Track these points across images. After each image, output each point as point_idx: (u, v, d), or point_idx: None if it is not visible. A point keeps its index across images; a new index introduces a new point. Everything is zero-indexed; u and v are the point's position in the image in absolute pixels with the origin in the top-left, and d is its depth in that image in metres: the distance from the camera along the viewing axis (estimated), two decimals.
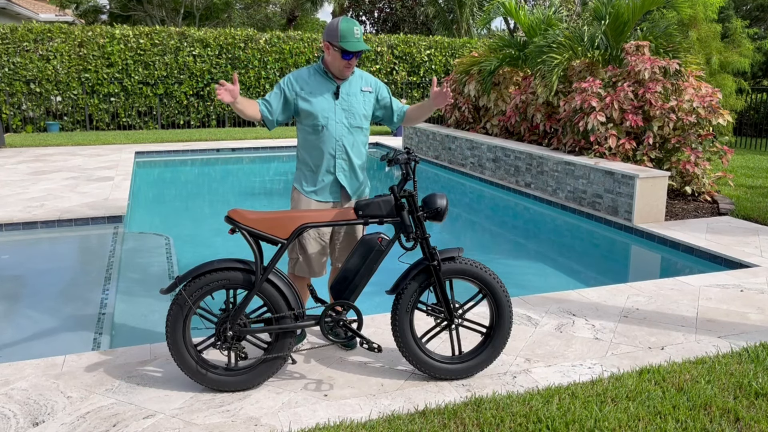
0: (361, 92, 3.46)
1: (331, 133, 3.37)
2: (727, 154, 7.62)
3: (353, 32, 3.25)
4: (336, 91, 3.38)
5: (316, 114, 3.34)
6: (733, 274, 4.95)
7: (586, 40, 8.89)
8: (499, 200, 8.53)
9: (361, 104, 3.45)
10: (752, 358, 3.39)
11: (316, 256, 3.41)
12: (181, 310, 2.96)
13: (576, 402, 2.92)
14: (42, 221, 6.68)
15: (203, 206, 8.16)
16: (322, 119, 3.35)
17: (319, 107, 3.35)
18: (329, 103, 3.37)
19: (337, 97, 3.38)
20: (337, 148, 3.40)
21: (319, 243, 3.41)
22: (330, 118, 3.36)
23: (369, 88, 3.50)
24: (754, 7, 19.35)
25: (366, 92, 3.48)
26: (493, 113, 10.58)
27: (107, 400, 2.98)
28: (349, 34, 3.24)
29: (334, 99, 3.38)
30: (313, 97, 3.35)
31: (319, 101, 3.35)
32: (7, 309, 4.49)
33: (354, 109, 3.42)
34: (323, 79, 3.40)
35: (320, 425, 2.76)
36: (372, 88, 3.52)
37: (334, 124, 3.37)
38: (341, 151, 3.40)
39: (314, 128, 3.38)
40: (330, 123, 3.37)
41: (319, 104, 3.35)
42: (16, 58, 15.16)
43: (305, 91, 3.36)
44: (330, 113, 3.37)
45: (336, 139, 3.38)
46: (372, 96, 3.52)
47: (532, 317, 4.03)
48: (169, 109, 16.60)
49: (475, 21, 22.23)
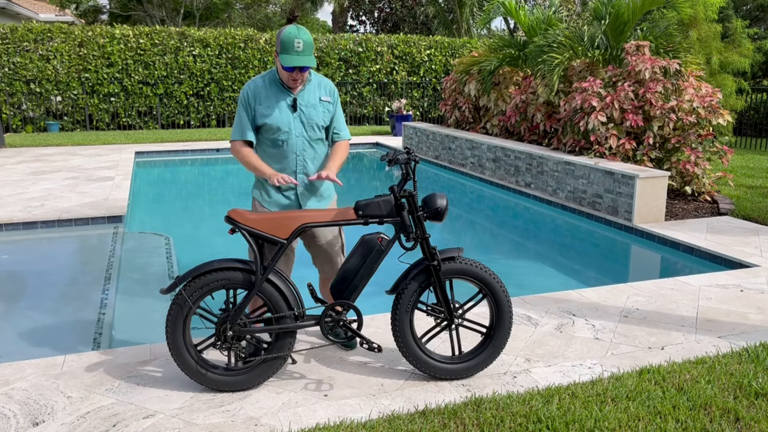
0: (321, 102, 3.29)
1: (291, 147, 3.24)
2: (727, 154, 7.62)
3: (293, 44, 3.03)
4: (293, 103, 3.22)
5: (276, 127, 3.20)
6: (733, 274, 4.95)
7: (586, 40, 8.89)
8: (499, 200, 8.53)
9: (320, 115, 3.28)
10: (752, 358, 3.39)
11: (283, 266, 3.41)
12: (181, 310, 2.96)
13: (576, 402, 2.92)
14: (42, 221, 6.68)
15: (203, 206, 8.16)
16: (282, 134, 3.22)
17: (278, 121, 3.19)
18: (287, 115, 3.21)
19: (295, 109, 3.22)
20: (298, 163, 3.27)
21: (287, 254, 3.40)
22: (290, 132, 3.22)
23: (328, 98, 3.32)
24: (754, 7, 19.35)
25: (325, 102, 3.31)
26: (493, 113, 10.58)
27: (107, 400, 2.98)
28: (289, 47, 3.03)
29: (292, 111, 3.22)
30: (271, 110, 3.19)
31: (278, 114, 3.20)
32: (7, 309, 4.49)
33: (313, 121, 3.26)
34: (279, 90, 3.23)
35: (320, 425, 2.76)
36: (331, 99, 3.34)
37: (294, 138, 3.23)
38: (302, 164, 3.28)
39: (274, 142, 3.24)
40: (290, 137, 3.22)
41: (277, 117, 3.20)
42: (16, 58, 15.17)
43: (263, 105, 3.20)
44: (289, 126, 3.22)
45: (297, 154, 3.25)
46: (331, 106, 3.34)
47: (532, 317, 4.03)
48: (169, 109, 16.61)
49: (475, 21, 22.24)
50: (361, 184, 10.03)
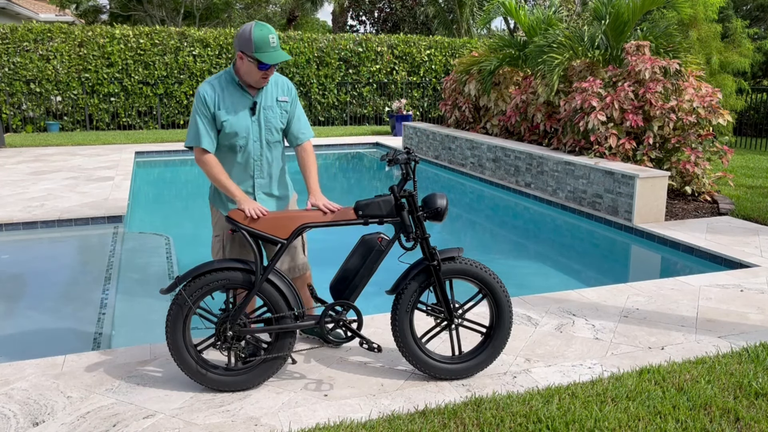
0: (278, 102, 3.20)
1: (249, 153, 3.15)
2: (727, 154, 7.62)
3: (269, 41, 2.97)
4: (253, 106, 3.13)
5: (236, 133, 3.10)
6: (733, 274, 4.95)
7: (586, 40, 8.89)
8: (499, 200, 8.53)
9: (277, 117, 3.20)
10: (752, 358, 3.39)
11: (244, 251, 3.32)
12: (181, 310, 2.96)
13: (576, 402, 2.92)
14: (42, 221, 6.68)
15: (203, 206, 8.15)
16: (241, 139, 3.12)
17: (236, 126, 3.09)
18: (246, 120, 3.11)
19: (254, 112, 3.13)
20: (255, 168, 3.19)
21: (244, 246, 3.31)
22: (248, 137, 3.14)
23: (285, 97, 3.23)
24: (754, 7, 19.36)
25: (282, 102, 3.22)
26: (494, 113, 10.58)
27: (107, 400, 2.98)
28: (264, 44, 2.97)
29: (251, 115, 3.13)
30: (230, 114, 3.08)
31: (237, 119, 3.10)
32: (7, 309, 4.49)
33: (270, 124, 3.18)
34: (238, 93, 3.12)
35: (320, 425, 2.76)
36: (288, 98, 3.24)
37: (252, 143, 3.15)
38: (259, 170, 3.21)
39: (231, 148, 3.14)
40: (249, 142, 3.14)
41: (237, 122, 3.09)
42: (16, 58, 15.17)
43: (222, 110, 3.07)
44: (248, 131, 3.13)
45: (254, 159, 3.18)
46: (289, 106, 3.25)
47: (532, 317, 4.03)
48: (169, 109, 16.61)
49: (475, 21, 22.24)
50: (361, 184, 10.03)
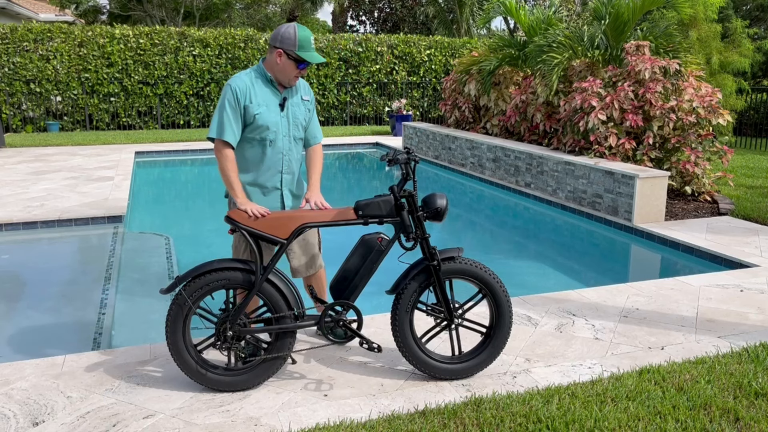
0: (302, 101, 3.33)
1: (278, 147, 3.24)
2: (727, 154, 7.62)
3: (311, 42, 3.15)
4: (282, 102, 3.24)
5: (267, 126, 3.19)
6: (733, 274, 4.95)
7: (586, 39, 8.89)
8: (499, 200, 8.53)
9: (302, 114, 3.32)
10: (752, 358, 3.39)
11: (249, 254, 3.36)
12: (181, 310, 2.96)
13: (576, 402, 2.92)
14: (42, 221, 6.68)
15: (203, 206, 8.16)
16: (271, 133, 3.21)
17: (269, 119, 3.19)
18: (277, 115, 3.22)
19: (283, 108, 3.24)
20: (284, 163, 3.29)
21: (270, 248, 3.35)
22: (278, 132, 3.23)
23: (308, 97, 3.37)
24: (754, 7, 19.36)
25: (306, 101, 3.35)
26: (493, 113, 10.58)
27: (107, 400, 2.98)
28: (308, 44, 3.14)
29: (280, 110, 3.23)
30: (262, 107, 3.18)
31: (269, 113, 3.19)
32: (7, 309, 4.49)
33: (297, 120, 3.30)
34: (268, 88, 3.23)
35: (320, 425, 2.76)
36: (310, 99, 3.38)
37: (281, 138, 3.24)
38: (287, 165, 3.30)
39: (261, 142, 3.22)
40: (278, 137, 3.23)
41: (268, 116, 3.19)
42: (16, 58, 15.17)
43: (254, 103, 3.16)
44: (278, 126, 3.23)
45: (283, 153, 3.27)
46: (311, 105, 3.39)
47: (532, 317, 4.03)
48: (169, 109, 16.61)
49: (475, 21, 22.24)
50: (361, 184, 10.03)
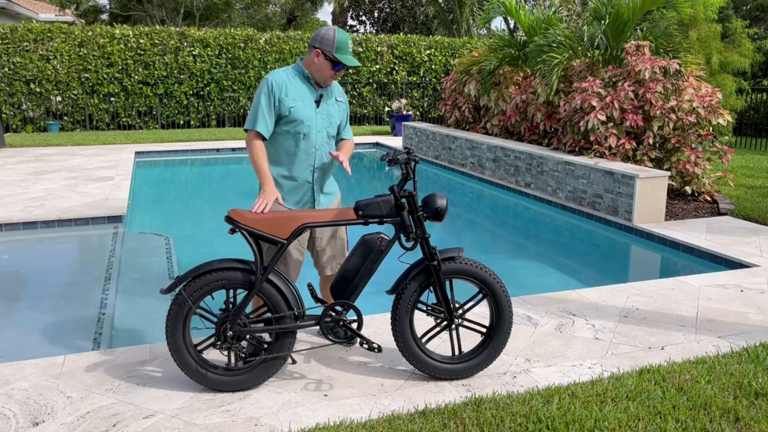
0: (336, 102, 3.45)
1: (312, 142, 3.33)
2: (727, 154, 7.62)
3: (348, 45, 3.27)
4: (318, 99, 3.34)
5: (301, 120, 3.28)
6: (733, 274, 4.95)
7: (586, 39, 8.89)
8: (499, 200, 8.53)
9: (337, 113, 3.44)
10: (752, 358, 3.39)
11: (296, 263, 3.42)
12: (181, 310, 2.96)
13: (576, 402, 2.92)
14: (42, 221, 6.68)
15: (203, 206, 8.16)
16: (305, 127, 3.30)
17: (302, 113, 3.28)
18: (312, 110, 3.32)
19: (318, 105, 3.34)
20: (315, 158, 3.36)
21: (299, 251, 3.42)
22: (312, 126, 3.32)
23: (341, 98, 3.49)
24: (754, 7, 19.36)
25: (340, 102, 3.47)
26: (494, 113, 10.58)
27: (107, 400, 2.98)
28: (345, 47, 3.25)
29: (316, 106, 3.34)
30: (297, 101, 3.28)
31: (304, 107, 3.29)
32: (7, 309, 4.49)
33: (332, 118, 3.40)
34: (305, 85, 3.33)
35: (320, 425, 2.76)
36: (343, 100, 3.50)
37: (315, 132, 3.33)
38: (319, 160, 3.38)
39: (295, 135, 3.31)
40: (312, 132, 3.32)
41: (303, 110, 3.29)
42: (16, 58, 15.17)
43: (289, 97, 3.27)
44: (312, 121, 3.32)
45: (316, 148, 3.35)
46: (344, 106, 3.51)
47: (532, 317, 4.03)
48: (169, 109, 16.61)
49: (475, 21, 22.24)
50: (361, 184, 10.03)
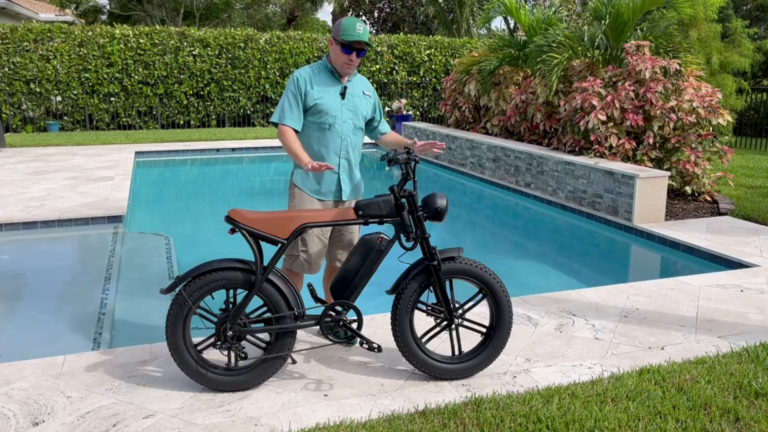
0: (363, 95, 3.55)
1: (337, 132, 3.43)
2: (727, 154, 7.62)
3: (355, 27, 3.31)
4: (343, 91, 3.44)
5: (326, 111, 3.39)
6: (733, 274, 4.95)
7: (586, 39, 8.89)
8: (499, 200, 8.53)
9: (363, 106, 3.54)
10: (752, 358, 3.39)
11: (317, 255, 3.48)
12: (181, 310, 2.96)
13: (576, 402, 2.92)
14: (42, 221, 6.67)
15: (203, 206, 8.16)
16: (330, 118, 3.41)
17: (327, 105, 3.39)
18: (337, 101, 3.42)
19: (344, 97, 3.44)
20: (341, 148, 3.46)
21: (321, 241, 3.48)
22: (337, 117, 3.42)
23: (369, 93, 3.60)
24: (754, 7, 19.36)
25: (366, 96, 3.57)
26: (494, 113, 10.58)
27: (107, 399, 2.98)
28: (350, 28, 3.31)
29: (341, 98, 3.44)
30: (322, 94, 3.40)
31: (328, 99, 3.40)
32: (7, 309, 4.49)
33: (358, 110, 3.50)
34: (329, 78, 3.44)
35: (320, 425, 2.76)
36: (371, 95, 3.61)
37: (341, 123, 3.43)
38: (345, 151, 3.48)
39: (321, 126, 3.41)
40: (337, 122, 3.42)
41: (328, 102, 3.40)
42: (16, 58, 15.16)
43: (315, 89, 3.39)
44: (338, 112, 3.42)
45: (342, 138, 3.45)
46: (371, 101, 3.60)
47: (532, 317, 4.03)
48: (169, 109, 16.60)
49: (475, 21, 22.24)
50: None
